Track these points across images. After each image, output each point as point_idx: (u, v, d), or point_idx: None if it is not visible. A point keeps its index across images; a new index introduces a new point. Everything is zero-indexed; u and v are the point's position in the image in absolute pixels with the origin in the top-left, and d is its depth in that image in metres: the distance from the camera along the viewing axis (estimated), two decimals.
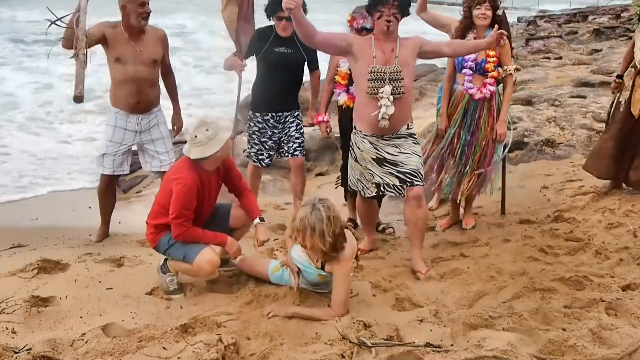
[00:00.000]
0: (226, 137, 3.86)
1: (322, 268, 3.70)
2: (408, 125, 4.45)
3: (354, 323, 3.43)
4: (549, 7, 35.87)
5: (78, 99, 4.27)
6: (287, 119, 5.42)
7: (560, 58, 13.80)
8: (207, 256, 3.90)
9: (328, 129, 5.48)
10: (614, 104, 5.55)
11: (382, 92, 4.19)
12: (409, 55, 4.33)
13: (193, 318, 3.55)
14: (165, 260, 4.06)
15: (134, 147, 5.21)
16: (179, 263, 3.98)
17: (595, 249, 4.41)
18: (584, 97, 8.62)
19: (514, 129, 7.54)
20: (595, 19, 24.66)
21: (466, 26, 4.94)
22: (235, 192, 4.31)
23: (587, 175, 5.79)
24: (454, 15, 5.35)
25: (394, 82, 4.22)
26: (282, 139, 5.47)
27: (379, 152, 4.40)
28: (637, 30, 5.44)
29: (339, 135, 5.61)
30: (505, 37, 4.43)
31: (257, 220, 4.23)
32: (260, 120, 5.38)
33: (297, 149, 5.46)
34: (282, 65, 5.22)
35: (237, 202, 4.33)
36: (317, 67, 5.53)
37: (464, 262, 4.46)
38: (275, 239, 5.13)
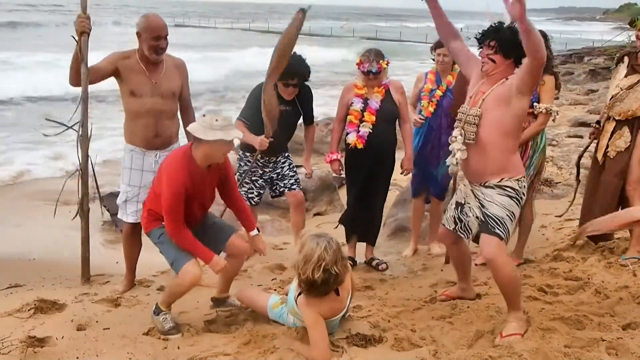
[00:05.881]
0: (220, 136, 3.78)
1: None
2: (502, 179, 3.79)
3: None
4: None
5: None
6: (277, 159, 5.47)
7: (557, 98, 13.87)
8: (191, 268, 3.93)
9: (340, 167, 5.51)
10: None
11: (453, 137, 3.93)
12: (496, 100, 3.74)
13: (190, 359, 3.52)
14: (157, 305, 4.08)
15: None
16: (166, 287, 4.05)
17: (594, 288, 4.39)
18: (581, 136, 8.71)
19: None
20: (591, 59, 25.02)
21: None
22: (231, 204, 4.33)
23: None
24: None
25: (467, 126, 3.81)
26: (274, 178, 5.49)
27: (466, 196, 4.02)
28: (613, 73, 5.31)
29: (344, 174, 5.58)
30: None
31: (254, 232, 4.32)
32: (250, 160, 5.37)
33: (294, 183, 5.48)
34: (279, 121, 5.13)
35: (239, 232, 4.32)
36: (312, 122, 5.62)
37: (463, 301, 4.43)
38: (272, 279, 5.11)
